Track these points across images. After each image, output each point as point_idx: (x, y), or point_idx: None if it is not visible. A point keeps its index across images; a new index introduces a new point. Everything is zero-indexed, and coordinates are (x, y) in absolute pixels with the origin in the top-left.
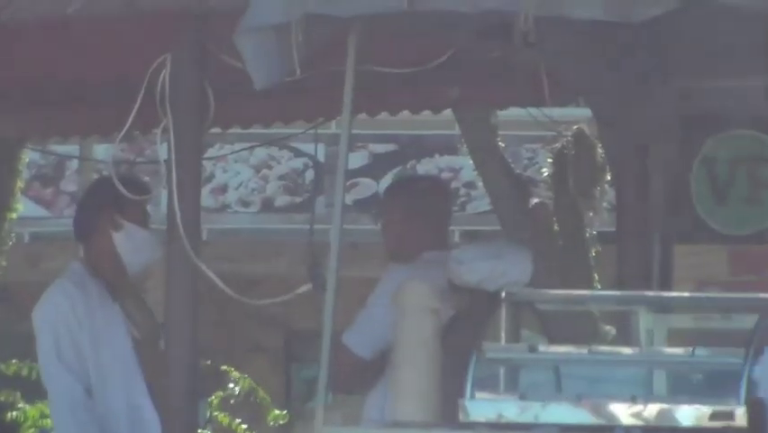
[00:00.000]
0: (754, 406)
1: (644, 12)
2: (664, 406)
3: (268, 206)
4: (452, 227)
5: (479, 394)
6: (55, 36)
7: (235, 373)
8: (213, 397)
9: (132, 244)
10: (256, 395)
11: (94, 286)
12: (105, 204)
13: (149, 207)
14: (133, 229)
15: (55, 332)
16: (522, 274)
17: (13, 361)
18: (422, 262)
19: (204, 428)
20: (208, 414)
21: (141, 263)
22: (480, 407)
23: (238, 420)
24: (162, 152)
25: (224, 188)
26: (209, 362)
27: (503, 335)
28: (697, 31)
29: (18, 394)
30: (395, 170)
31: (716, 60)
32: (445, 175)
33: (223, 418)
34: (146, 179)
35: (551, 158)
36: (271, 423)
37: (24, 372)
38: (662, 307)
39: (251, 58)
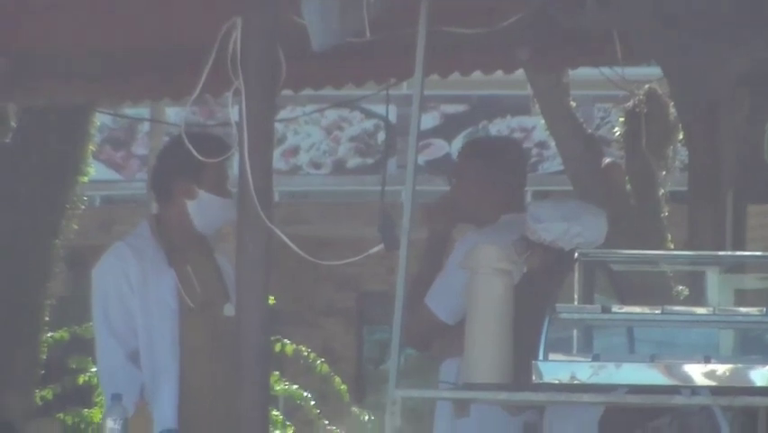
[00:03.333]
0: None
1: None
2: (737, 366)
3: (339, 167)
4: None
5: (552, 355)
6: (125, 1)
7: (311, 355)
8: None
9: (205, 212)
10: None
11: (153, 249)
12: (181, 171)
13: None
14: (208, 198)
15: (105, 293)
16: (597, 236)
17: (90, 324)
18: (498, 225)
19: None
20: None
21: (213, 228)
22: (554, 368)
23: (306, 394)
24: (234, 114)
25: (295, 150)
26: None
27: (576, 296)
28: None
29: (90, 359)
30: (467, 131)
31: None
32: (517, 135)
33: (297, 393)
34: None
35: (623, 117)
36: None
37: None
38: (734, 267)
39: (312, 19)
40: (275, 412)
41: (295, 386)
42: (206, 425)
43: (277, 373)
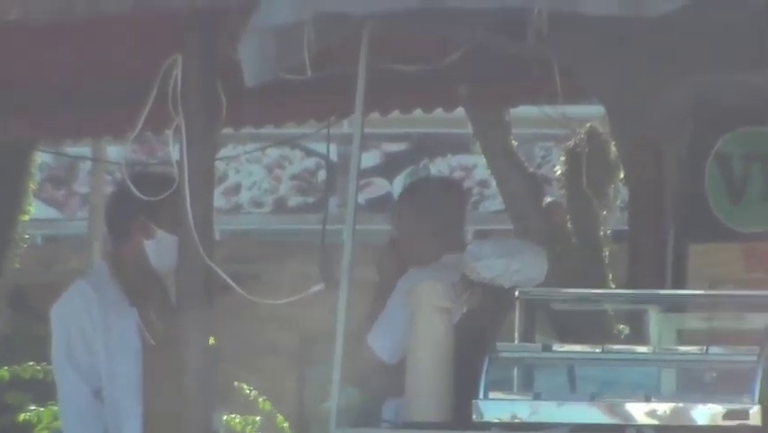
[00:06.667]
0: None
1: (658, 7)
2: (678, 405)
3: (280, 206)
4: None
5: (492, 394)
6: (65, 37)
7: (253, 393)
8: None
9: (162, 251)
10: (274, 421)
11: (112, 288)
12: (138, 210)
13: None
14: (165, 237)
15: (67, 332)
16: (537, 273)
17: (30, 363)
18: (439, 264)
19: None
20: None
21: (170, 266)
22: (494, 407)
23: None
24: (175, 152)
25: (236, 189)
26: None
27: (517, 335)
28: (710, 25)
29: (28, 397)
30: (407, 170)
31: (730, 56)
32: (458, 174)
33: (236, 424)
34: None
35: (564, 156)
36: None
37: (40, 375)
38: (675, 306)
39: (247, 54)
40: None
41: (237, 418)
42: None
43: None
